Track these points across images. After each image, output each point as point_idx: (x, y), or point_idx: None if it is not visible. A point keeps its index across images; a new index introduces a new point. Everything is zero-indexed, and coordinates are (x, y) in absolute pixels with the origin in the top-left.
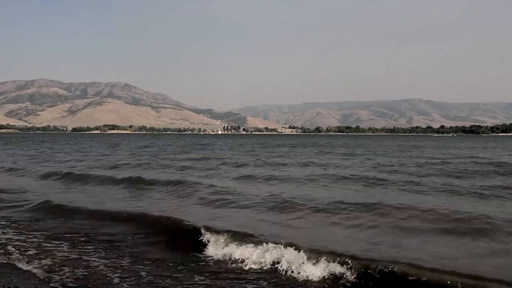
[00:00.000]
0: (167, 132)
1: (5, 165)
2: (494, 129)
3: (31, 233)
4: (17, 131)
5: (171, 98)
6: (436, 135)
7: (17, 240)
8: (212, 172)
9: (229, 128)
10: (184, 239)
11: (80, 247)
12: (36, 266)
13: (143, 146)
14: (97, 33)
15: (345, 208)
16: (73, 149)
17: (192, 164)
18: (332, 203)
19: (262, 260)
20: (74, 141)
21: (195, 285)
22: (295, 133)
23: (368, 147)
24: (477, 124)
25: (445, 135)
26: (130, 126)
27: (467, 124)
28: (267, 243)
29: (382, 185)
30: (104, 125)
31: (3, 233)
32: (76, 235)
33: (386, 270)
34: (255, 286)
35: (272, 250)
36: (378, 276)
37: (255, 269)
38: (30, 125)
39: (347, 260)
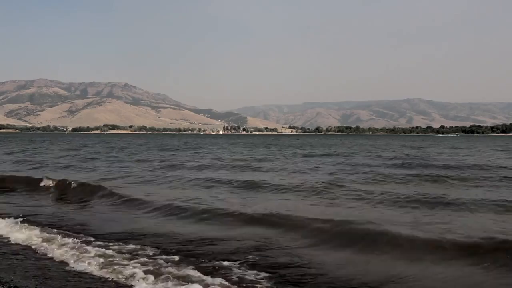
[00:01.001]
0: (167, 132)
1: None
2: (494, 129)
3: None
4: (17, 131)
5: (171, 98)
6: (442, 135)
7: None
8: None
9: (229, 128)
10: None
11: None
12: None
13: (113, 147)
14: (97, 33)
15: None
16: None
17: (125, 165)
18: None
19: None
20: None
21: None
22: (295, 133)
23: (363, 147)
24: (477, 124)
25: (449, 135)
26: (130, 126)
27: (467, 124)
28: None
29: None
30: (104, 125)
31: None
32: None
33: None
34: None
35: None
36: None
37: None
38: (30, 125)
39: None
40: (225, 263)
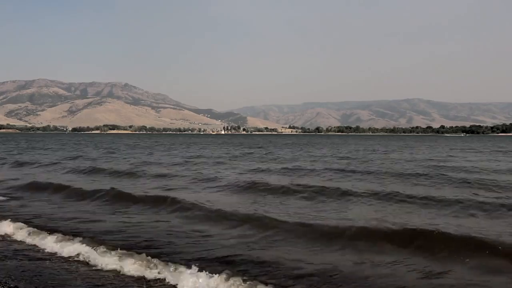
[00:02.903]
0: (167, 132)
1: None
2: (494, 129)
3: None
4: (17, 131)
5: (171, 98)
6: (449, 135)
7: None
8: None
9: (229, 128)
10: None
11: None
12: None
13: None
14: (97, 33)
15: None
16: None
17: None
18: None
19: None
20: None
21: None
22: (295, 133)
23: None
24: (477, 124)
25: (455, 135)
26: (130, 126)
27: (467, 124)
28: None
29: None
30: (104, 125)
31: None
32: None
33: None
34: None
35: None
36: None
37: None
38: (30, 125)
39: None
40: None
